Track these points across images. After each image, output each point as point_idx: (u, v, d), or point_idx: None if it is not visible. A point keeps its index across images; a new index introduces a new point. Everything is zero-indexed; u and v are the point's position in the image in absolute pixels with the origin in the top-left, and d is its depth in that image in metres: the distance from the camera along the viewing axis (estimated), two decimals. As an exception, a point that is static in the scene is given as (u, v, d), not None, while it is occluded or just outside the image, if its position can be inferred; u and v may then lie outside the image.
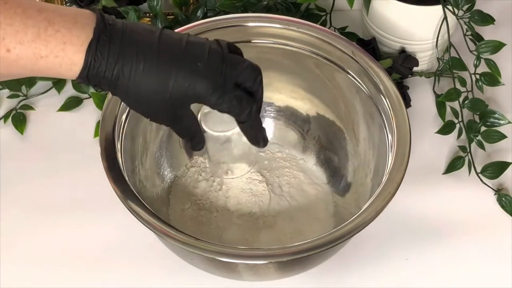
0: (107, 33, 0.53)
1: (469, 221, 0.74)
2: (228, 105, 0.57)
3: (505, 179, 0.77)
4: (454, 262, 0.71)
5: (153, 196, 0.69)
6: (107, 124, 0.64)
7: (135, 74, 0.53)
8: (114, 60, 0.53)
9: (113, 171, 0.61)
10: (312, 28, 0.70)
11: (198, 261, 0.63)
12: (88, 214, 0.73)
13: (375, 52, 0.81)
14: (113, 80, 0.53)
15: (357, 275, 0.70)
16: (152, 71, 0.54)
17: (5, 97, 0.82)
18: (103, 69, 0.53)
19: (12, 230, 0.72)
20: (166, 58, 0.54)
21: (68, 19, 0.52)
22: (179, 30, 0.70)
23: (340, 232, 0.58)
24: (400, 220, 0.73)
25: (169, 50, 0.55)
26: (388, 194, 0.60)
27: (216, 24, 0.71)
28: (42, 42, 0.51)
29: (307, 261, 0.63)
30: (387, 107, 0.66)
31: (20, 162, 0.77)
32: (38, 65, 0.51)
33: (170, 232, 0.58)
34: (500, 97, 0.83)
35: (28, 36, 0.50)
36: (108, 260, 0.70)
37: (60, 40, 0.51)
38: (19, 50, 0.50)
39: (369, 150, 0.69)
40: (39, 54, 0.51)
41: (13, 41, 0.50)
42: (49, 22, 0.51)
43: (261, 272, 0.65)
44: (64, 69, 0.52)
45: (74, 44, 0.51)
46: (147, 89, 0.54)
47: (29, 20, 0.50)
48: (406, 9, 0.78)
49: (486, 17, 0.78)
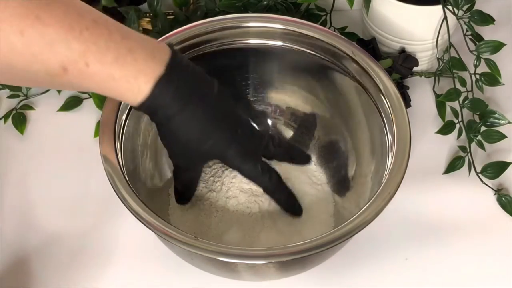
0: (177, 73, 0.56)
1: (469, 221, 0.74)
2: (250, 173, 0.64)
3: (505, 179, 0.77)
4: (454, 262, 0.71)
5: (153, 196, 0.69)
6: (107, 124, 0.64)
7: (188, 119, 0.58)
8: (177, 100, 0.57)
9: (113, 171, 0.61)
10: (312, 28, 0.70)
11: (199, 261, 0.63)
12: (88, 214, 0.73)
13: (375, 52, 0.81)
14: (168, 117, 0.58)
15: (357, 275, 0.70)
16: (202, 122, 0.59)
17: (5, 97, 0.82)
18: (164, 104, 0.57)
19: (12, 230, 0.72)
20: (218, 115, 0.60)
21: (147, 52, 0.55)
22: (178, 30, 0.70)
23: (340, 232, 0.58)
24: (400, 220, 0.73)
25: (221, 108, 0.60)
26: (388, 194, 0.60)
27: (215, 25, 0.70)
28: (119, 66, 0.54)
29: (307, 261, 0.63)
30: (387, 107, 0.66)
31: (20, 162, 0.77)
32: (108, 85, 0.54)
33: (170, 232, 0.58)
34: (500, 97, 0.83)
35: (108, 58, 0.53)
36: (108, 260, 0.70)
37: (136, 68, 0.55)
38: (96, 68, 0.53)
39: (369, 150, 0.69)
40: (113, 75, 0.54)
41: (94, 59, 0.53)
42: (130, 51, 0.54)
43: (261, 272, 0.65)
44: (129, 95, 0.56)
45: (147, 74, 0.55)
46: (189, 134, 0.59)
47: (112, 44, 0.53)
48: (406, 9, 0.78)
49: (486, 17, 0.77)
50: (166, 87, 0.56)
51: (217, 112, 0.60)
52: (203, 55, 0.70)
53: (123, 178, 0.60)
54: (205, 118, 0.59)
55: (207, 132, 0.60)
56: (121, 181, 0.60)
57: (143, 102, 0.56)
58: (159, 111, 0.57)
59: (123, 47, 0.54)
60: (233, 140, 0.61)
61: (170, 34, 0.70)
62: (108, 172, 0.60)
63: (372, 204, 0.60)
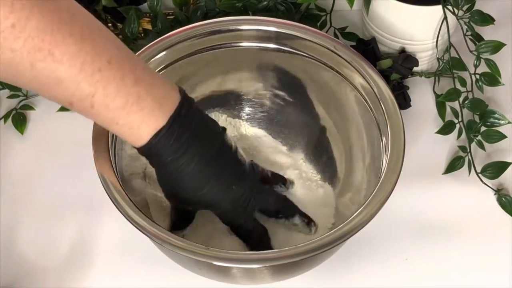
0: (179, 124, 0.57)
1: (469, 221, 0.74)
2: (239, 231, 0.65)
3: (505, 179, 0.77)
4: (454, 262, 0.71)
5: (144, 200, 0.69)
6: (99, 128, 0.63)
7: (183, 168, 0.58)
8: (173, 150, 0.57)
9: (108, 177, 0.61)
10: (304, 31, 0.70)
11: (191, 265, 0.63)
12: (89, 214, 0.73)
13: (375, 52, 0.81)
14: (164, 164, 0.58)
15: (357, 275, 0.70)
16: (195, 173, 0.59)
17: (5, 97, 0.82)
18: (161, 153, 0.57)
19: (12, 230, 0.72)
20: (213, 169, 0.60)
21: (156, 100, 0.55)
22: (180, 29, 0.70)
23: (332, 237, 0.58)
24: (400, 220, 0.73)
25: (219, 163, 0.60)
26: (381, 198, 0.60)
27: (206, 28, 0.70)
28: (125, 114, 0.54)
29: (300, 265, 0.63)
30: (381, 110, 0.65)
31: (20, 162, 0.77)
32: (110, 126, 0.55)
33: (161, 234, 0.57)
34: (500, 97, 0.83)
35: (115, 103, 0.53)
36: (108, 260, 0.70)
37: (140, 118, 0.55)
38: (102, 111, 0.53)
39: (366, 151, 0.69)
40: (117, 121, 0.54)
41: (100, 102, 0.53)
42: (139, 99, 0.54)
43: (257, 275, 0.64)
44: (129, 139, 0.57)
45: (149, 124, 0.56)
46: (185, 182, 0.59)
47: (122, 89, 0.53)
48: (406, 9, 0.78)
49: (486, 17, 0.77)
50: (165, 138, 0.56)
51: (213, 166, 0.60)
52: (196, 59, 0.71)
53: (119, 186, 0.60)
54: (199, 170, 0.59)
55: (199, 184, 0.60)
56: (116, 189, 0.60)
57: (141, 148, 0.57)
58: (154, 158, 0.58)
59: (133, 93, 0.54)
60: (226, 194, 0.61)
61: (161, 38, 0.69)
62: (103, 181, 0.61)
63: (364, 208, 0.59)
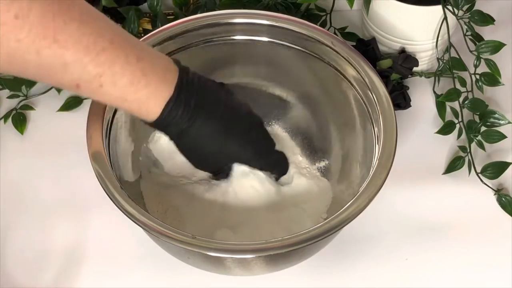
0: (185, 92, 0.59)
1: (469, 221, 0.74)
2: (268, 167, 0.67)
3: (505, 179, 0.77)
4: (454, 262, 0.71)
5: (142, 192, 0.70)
6: (94, 125, 0.64)
7: (199, 133, 0.61)
8: (186, 118, 0.59)
9: (105, 174, 0.61)
10: (296, 23, 0.71)
11: (182, 254, 0.63)
12: (89, 214, 0.73)
13: (375, 52, 0.81)
14: (179, 133, 0.60)
15: (357, 275, 0.70)
16: (212, 134, 0.61)
17: (5, 97, 0.82)
18: (173, 122, 0.59)
19: (12, 229, 0.72)
20: (228, 124, 0.62)
21: (159, 74, 0.57)
22: (174, 23, 0.70)
23: (325, 227, 0.58)
24: (400, 220, 0.73)
25: (231, 116, 0.62)
26: (370, 194, 0.60)
27: (200, 21, 0.71)
28: (133, 90, 0.56)
29: (290, 256, 0.63)
30: (374, 106, 0.66)
31: (20, 162, 0.77)
32: (120, 104, 0.57)
33: (150, 223, 0.58)
34: (500, 97, 0.83)
35: (123, 81, 0.55)
36: (107, 260, 0.70)
37: (148, 92, 0.56)
38: (110, 90, 0.55)
39: (361, 146, 0.69)
40: (126, 97, 0.56)
41: (108, 81, 0.54)
42: (144, 74, 0.56)
43: (250, 266, 0.65)
44: (141, 113, 0.58)
45: (157, 97, 0.57)
46: (203, 147, 0.62)
47: (127, 67, 0.54)
48: (406, 9, 0.78)
49: (486, 17, 0.77)
50: (175, 107, 0.58)
51: (227, 121, 0.62)
52: (190, 52, 0.71)
53: (114, 179, 0.61)
54: (215, 130, 0.61)
55: (219, 142, 0.62)
56: (112, 182, 0.61)
57: (155, 121, 0.59)
58: (169, 129, 0.60)
59: (138, 70, 0.55)
60: (247, 143, 0.64)
61: (155, 32, 0.69)
62: (98, 176, 0.61)
63: (355, 201, 0.60)
